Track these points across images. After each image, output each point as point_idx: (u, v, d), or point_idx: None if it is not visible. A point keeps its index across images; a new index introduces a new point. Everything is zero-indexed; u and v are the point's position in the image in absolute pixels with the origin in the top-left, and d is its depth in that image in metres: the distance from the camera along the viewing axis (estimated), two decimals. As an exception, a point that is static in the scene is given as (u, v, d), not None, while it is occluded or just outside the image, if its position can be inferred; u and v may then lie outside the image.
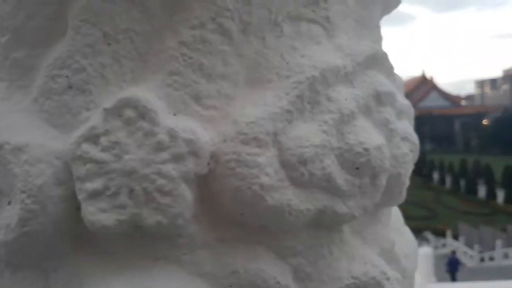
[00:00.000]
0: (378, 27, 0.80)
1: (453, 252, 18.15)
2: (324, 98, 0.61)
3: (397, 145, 0.68)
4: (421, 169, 63.45)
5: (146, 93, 0.57)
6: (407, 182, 0.72)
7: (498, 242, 26.17)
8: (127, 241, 0.59)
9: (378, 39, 0.80)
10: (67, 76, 0.61)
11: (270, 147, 0.57)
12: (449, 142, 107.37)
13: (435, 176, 59.85)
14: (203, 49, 0.59)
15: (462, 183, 52.40)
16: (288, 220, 0.58)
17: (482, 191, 48.69)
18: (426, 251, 10.36)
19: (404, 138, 0.70)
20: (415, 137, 0.73)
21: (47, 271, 0.62)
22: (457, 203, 46.54)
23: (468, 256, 26.59)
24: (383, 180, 0.65)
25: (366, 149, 0.61)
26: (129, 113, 0.55)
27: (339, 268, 0.65)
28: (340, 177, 0.61)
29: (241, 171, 0.56)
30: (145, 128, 0.55)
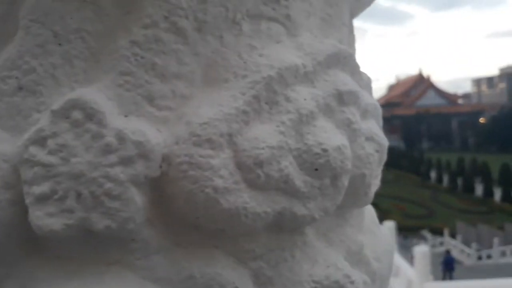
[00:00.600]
0: (346, 25, 0.79)
1: (448, 252, 18.25)
2: (282, 98, 0.60)
3: (361, 145, 0.67)
4: (419, 168, 63.63)
5: (96, 94, 0.56)
6: (373, 183, 0.71)
7: (496, 240, 26.23)
8: (79, 246, 0.57)
9: (346, 37, 0.79)
10: (17, 77, 0.59)
11: (224, 148, 0.56)
12: (446, 140, 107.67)
13: (433, 174, 60.00)
14: (156, 49, 0.58)
15: (460, 181, 52.53)
16: (244, 224, 0.57)
17: (479, 189, 48.82)
18: (423, 249, 10.39)
19: (369, 138, 0.69)
20: (381, 137, 0.71)
21: (0, 278, 0.61)
22: (455, 202, 46.63)
23: (465, 254, 26.66)
24: (344, 181, 0.63)
25: (325, 150, 0.60)
26: (76, 114, 0.54)
27: (301, 272, 0.64)
28: (299, 179, 0.59)
29: (193, 173, 0.54)
30: (93, 130, 0.54)
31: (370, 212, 0.94)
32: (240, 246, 0.61)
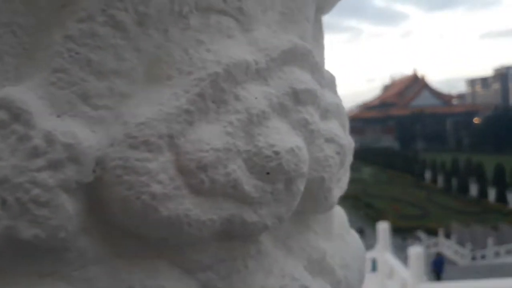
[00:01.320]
0: (309, 21, 0.75)
1: (438, 254, 18.44)
2: (231, 96, 0.56)
3: (320, 147, 0.63)
4: (413, 168, 63.74)
5: (24, 92, 0.51)
6: (334, 186, 0.67)
7: (490, 241, 26.32)
8: (8, 257, 0.53)
9: (309, 33, 0.75)
10: None
11: (164, 151, 0.51)
12: (440, 140, 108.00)
13: (427, 175, 60.09)
14: (92, 44, 0.53)
15: (454, 181, 52.67)
16: (188, 232, 0.53)
17: (474, 190, 48.96)
18: (417, 250, 10.38)
19: (329, 140, 0.65)
20: (343, 138, 0.67)
21: None
22: (449, 202, 46.76)
23: (459, 254, 26.71)
24: (300, 186, 0.59)
25: (276, 153, 0.56)
26: (1, 115, 0.49)
27: (253, 283, 0.60)
28: (249, 183, 0.55)
29: (128, 178, 0.50)
30: (19, 131, 0.49)
31: (340, 217, 0.90)
32: (187, 256, 0.57)
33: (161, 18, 0.57)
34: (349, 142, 0.69)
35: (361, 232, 34.19)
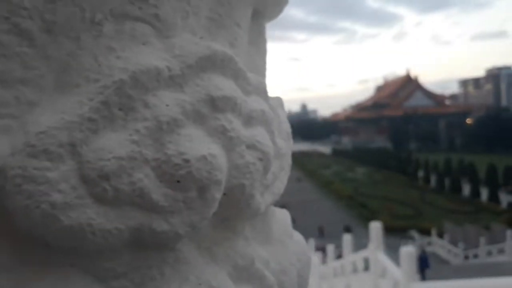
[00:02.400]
0: (239, 26, 0.75)
1: (423, 252, 18.76)
2: (140, 104, 0.55)
3: (240, 154, 0.63)
4: (407, 168, 64.03)
5: None
6: (256, 193, 0.67)
7: (482, 240, 26.47)
8: None
9: (240, 39, 0.75)
10: None
11: (66, 160, 0.51)
12: (433, 141, 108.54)
13: (420, 175, 60.35)
14: None
15: (447, 181, 52.94)
16: (93, 241, 0.52)
17: (466, 190, 49.25)
18: (409, 250, 10.41)
19: (251, 147, 0.64)
20: (266, 145, 0.67)
21: None
22: (442, 202, 47.01)
23: (452, 254, 26.85)
24: (215, 194, 0.59)
25: (186, 160, 0.55)
26: None
27: (168, 291, 0.59)
28: (157, 192, 0.55)
29: (27, 187, 0.49)
30: None
31: (283, 221, 0.90)
32: (99, 264, 0.57)
33: (72, 25, 0.56)
34: (270, 149, 0.68)
35: (348, 230, 34.34)
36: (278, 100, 0.94)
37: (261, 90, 0.72)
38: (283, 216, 0.91)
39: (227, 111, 0.62)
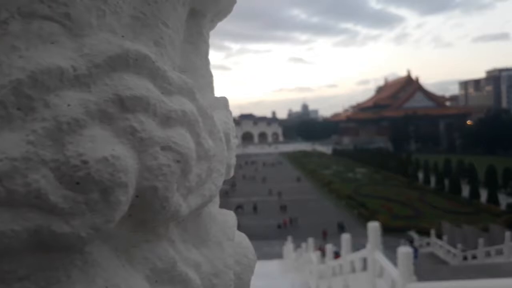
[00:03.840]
0: (166, 25, 0.73)
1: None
2: (41, 104, 0.54)
3: (153, 155, 0.62)
4: (406, 169, 63.86)
5: None
6: (172, 195, 0.65)
7: (480, 241, 26.39)
8: None
9: (167, 38, 0.74)
10: None
11: None
12: (433, 142, 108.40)
13: (420, 175, 60.20)
14: None
15: (446, 182, 52.79)
16: None
17: (465, 191, 49.11)
18: (406, 250, 10.39)
19: (166, 148, 0.63)
20: (185, 146, 0.66)
21: None
22: (441, 203, 46.86)
23: (451, 254, 26.80)
24: (120, 196, 0.57)
25: (84, 162, 0.54)
26: None
27: (73, 293, 0.58)
28: (56, 194, 0.54)
29: None
30: None
31: (223, 223, 0.89)
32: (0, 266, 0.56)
33: None
34: (190, 151, 0.66)
35: (341, 228, 34.25)
36: (221, 100, 0.93)
37: (186, 90, 0.71)
38: (224, 218, 0.90)
39: (138, 111, 0.61)
